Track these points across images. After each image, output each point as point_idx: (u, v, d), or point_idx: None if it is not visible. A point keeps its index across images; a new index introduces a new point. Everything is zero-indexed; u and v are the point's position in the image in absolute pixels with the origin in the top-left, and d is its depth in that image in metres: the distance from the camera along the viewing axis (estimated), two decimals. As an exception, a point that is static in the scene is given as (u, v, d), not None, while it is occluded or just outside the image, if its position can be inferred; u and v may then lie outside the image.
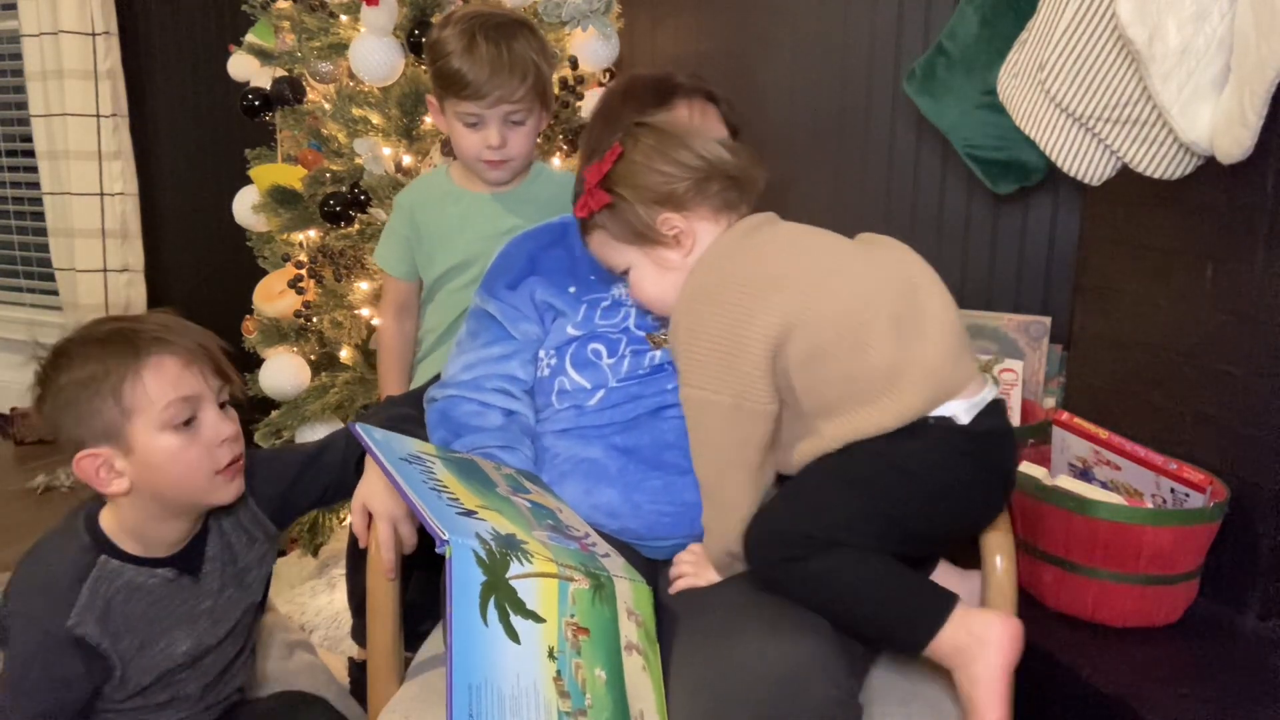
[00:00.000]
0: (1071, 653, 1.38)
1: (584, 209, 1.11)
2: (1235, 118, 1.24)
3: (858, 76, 2.20)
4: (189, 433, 1.09)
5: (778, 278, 1.03)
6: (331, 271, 1.98)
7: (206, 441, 1.10)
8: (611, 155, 1.10)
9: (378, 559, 1.13)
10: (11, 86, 3.39)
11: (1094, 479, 1.52)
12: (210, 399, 1.11)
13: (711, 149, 1.09)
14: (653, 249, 1.10)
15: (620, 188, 1.09)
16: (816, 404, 1.01)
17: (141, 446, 1.07)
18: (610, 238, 1.12)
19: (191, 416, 1.09)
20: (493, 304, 1.27)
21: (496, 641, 0.85)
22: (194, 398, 1.09)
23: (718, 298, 1.03)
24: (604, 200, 1.09)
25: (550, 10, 1.93)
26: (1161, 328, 1.62)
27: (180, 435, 1.08)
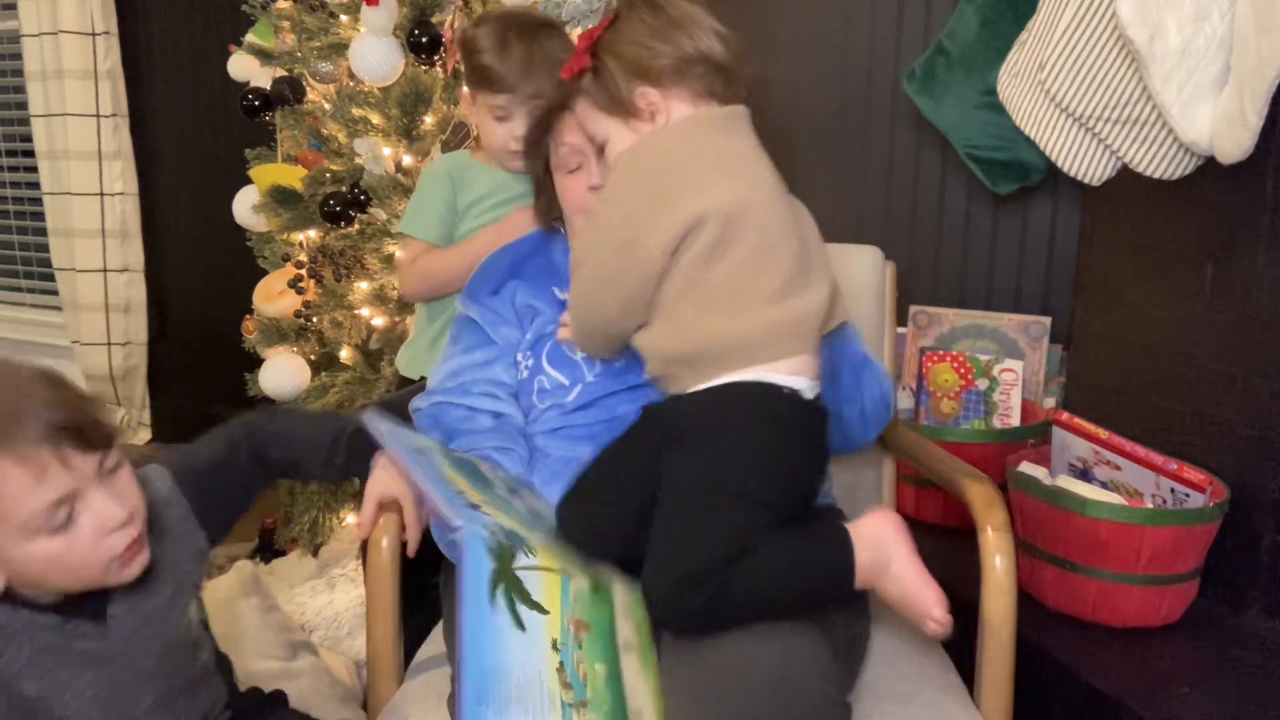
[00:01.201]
0: (1071, 653, 1.38)
1: (568, 70, 1.11)
2: (1235, 118, 1.24)
3: (858, 76, 2.20)
4: (69, 530, 0.89)
5: (730, 168, 1.05)
6: (331, 271, 1.98)
7: (92, 535, 0.90)
8: (605, 22, 1.10)
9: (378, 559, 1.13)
10: (11, 86, 3.39)
11: (1094, 479, 1.52)
12: (90, 482, 0.89)
13: (704, 38, 1.09)
14: (631, 121, 1.09)
15: (605, 55, 1.09)
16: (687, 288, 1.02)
17: (10, 558, 0.89)
18: (592, 105, 1.11)
19: (68, 513, 0.88)
20: (474, 309, 1.28)
21: (504, 629, 0.87)
22: (67, 496, 0.88)
23: (674, 153, 1.06)
24: (585, 64, 1.09)
25: (550, 10, 1.93)
26: (1161, 328, 1.62)
27: (58, 537, 0.88)
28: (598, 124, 1.11)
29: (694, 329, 1.00)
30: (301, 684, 1.61)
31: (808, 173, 2.24)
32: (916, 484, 1.83)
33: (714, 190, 1.01)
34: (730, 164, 1.05)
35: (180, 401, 3.28)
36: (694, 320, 1.01)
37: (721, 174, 1.03)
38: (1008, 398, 1.87)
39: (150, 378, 3.28)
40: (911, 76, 1.96)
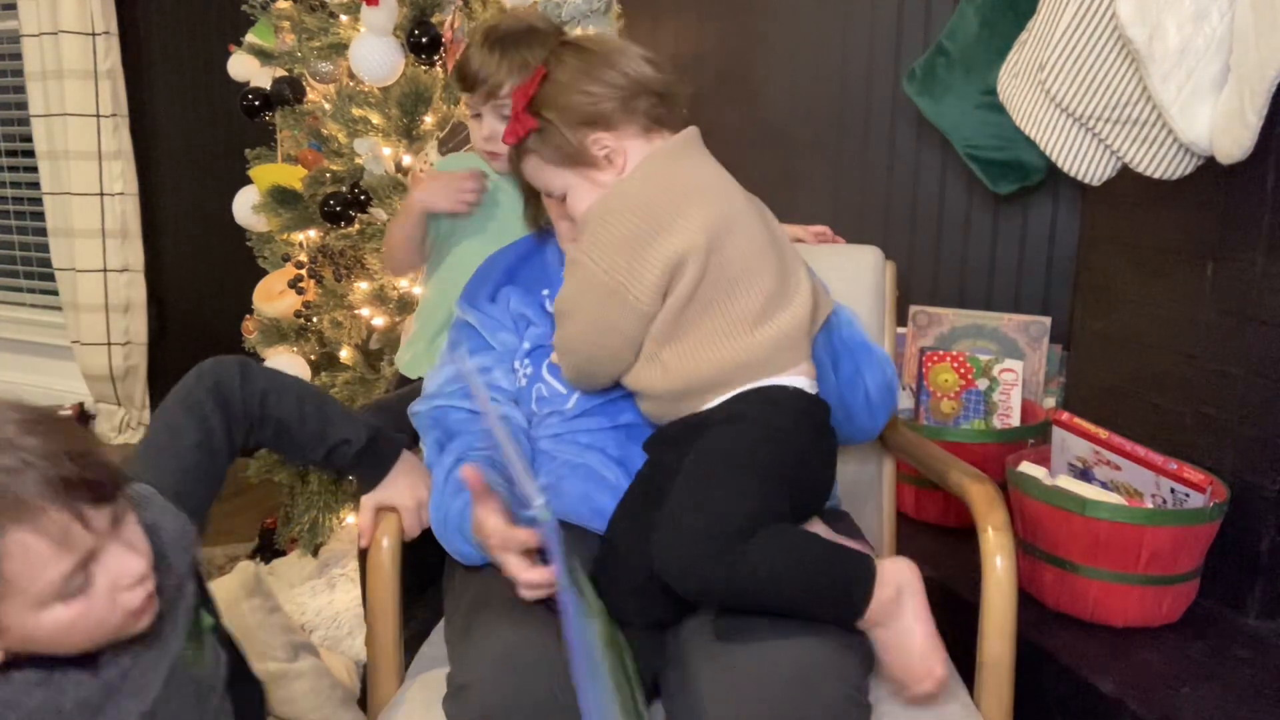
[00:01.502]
0: (1071, 653, 1.38)
1: (512, 134, 1.09)
2: (1235, 117, 1.24)
3: (858, 76, 2.20)
4: (84, 594, 0.81)
5: (701, 196, 1.05)
6: (331, 271, 1.98)
7: (108, 593, 0.82)
8: (536, 77, 1.08)
9: (378, 559, 1.14)
10: (11, 86, 3.39)
11: (1094, 479, 1.52)
12: (106, 537, 0.81)
13: (636, 66, 1.08)
14: (586, 170, 1.09)
15: (547, 110, 1.07)
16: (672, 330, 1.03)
17: (19, 626, 0.80)
18: (543, 162, 1.10)
19: (84, 576, 0.81)
20: (473, 314, 1.28)
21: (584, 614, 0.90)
22: (86, 557, 0.80)
23: (645, 195, 1.05)
24: (530, 125, 1.07)
25: (550, 10, 1.93)
26: (1161, 328, 1.62)
27: (73, 603, 0.80)
28: (553, 178, 1.11)
29: (685, 366, 1.02)
30: (302, 685, 1.61)
31: (808, 173, 2.24)
32: (916, 484, 1.83)
33: (690, 226, 1.01)
34: (700, 192, 1.05)
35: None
36: (685, 357, 1.02)
37: (694, 206, 1.03)
38: (1008, 398, 1.87)
39: (150, 378, 3.28)
40: (911, 76, 1.96)
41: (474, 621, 1.01)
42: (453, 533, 1.12)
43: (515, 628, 0.96)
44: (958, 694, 1.09)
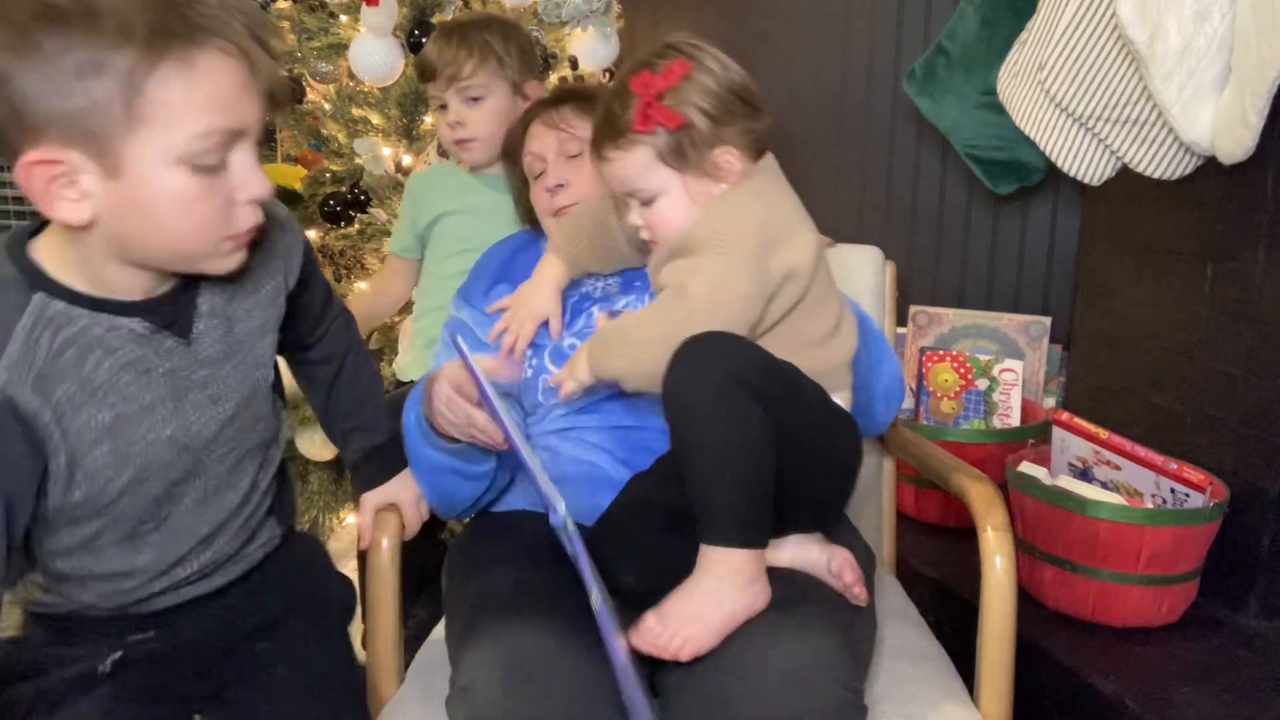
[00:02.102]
0: (1071, 653, 1.38)
1: (647, 122, 1.02)
2: (1236, 118, 1.24)
3: (858, 76, 2.20)
4: (211, 177, 0.76)
5: (806, 221, 1.07)
6: (331, 271, 1.98)
7: (230, 194, 0.78)
8: (679, 70, 1.03)
9: (378, 559, 1.13)
10: (11, 86, 3.39)
11: (1094, 479, 1.52)
12: (251, 136, 0.78)
13: (755, 93, 1.08)
14: (695, 179, 1.05)
15: (687, 109, 1.02)
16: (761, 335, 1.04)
17: (136, 175, 0.74)
18: (655, 158, 1.03)
19: (223, 157, 0.77)
20: (466, 311, 1.28)
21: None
22: (240, 131, 0.76)
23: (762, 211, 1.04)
24: (677, 119, 1.01)
25: (550, 10, 1.93)
26: (1161, 328, 1.62)
27: (199, 178, 0.75)
28: (654, 178, 1.04)
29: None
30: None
31: (808, 173, 2.24)
32: (916, 484, 1.83)
33: (801, 244, 1.03)
34: (802, 217, 1.07)
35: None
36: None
37: (801, 227, 1.05)
38: (1008, 398, 1.87)
39: (150, 378, 3.28)
40: (911, 76, 1.96)
41: (476, 622, 1.01)
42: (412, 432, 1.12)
43: (518, 629, 0.96)
44: (957, 694, 1.09)
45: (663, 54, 1.06)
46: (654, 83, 1.03)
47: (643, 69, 1.05)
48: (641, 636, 0.91)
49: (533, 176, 1.29)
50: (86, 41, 0.69)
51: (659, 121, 1.02)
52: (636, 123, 1.02)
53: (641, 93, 1.02)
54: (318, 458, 2.06)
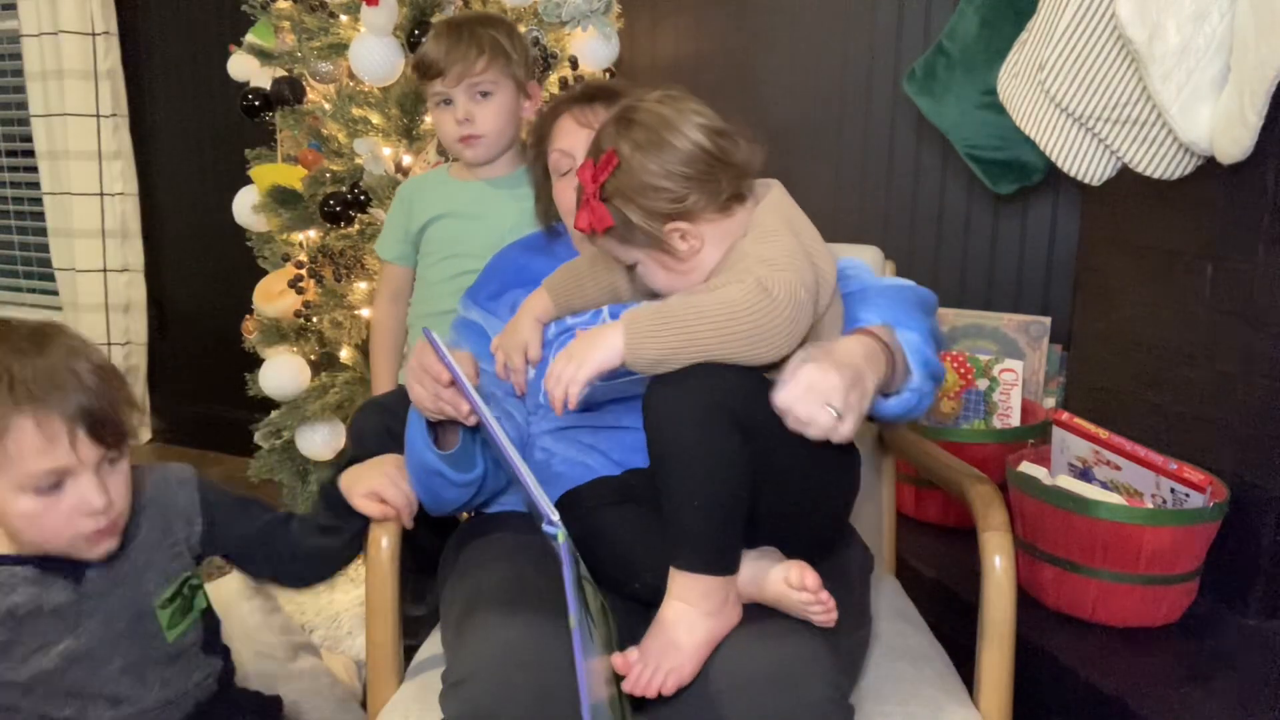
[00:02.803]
0: (1071, 653, 1.38)
1: (586, 224, 1.03)
2: (1235, 118, 1.24)
3: (858, 76, 2.20)
4: (53, 497, 0.98)
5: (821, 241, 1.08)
6: (331, 271, 1.97)
7: (69, 510, 0.99)
8: (608, 164, 1.02)
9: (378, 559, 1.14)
10: (11, 86, 3.39)
11: (1094, 479, 1.52)
12: (85, 468, 0.98)
13: (701, 141, 1.01)
14: (660, 253, 1.05)
15: (621, 202, 1.01)
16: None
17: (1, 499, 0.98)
18: (616, 241, 1.05)
19: (58, 482, 0.98)
20: (475, 311, 1.28)
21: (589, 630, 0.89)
22: (61, 470, 0.97)
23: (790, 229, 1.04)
24: (608, 221, 1.02)
25: (550, 10, 1.93)
26: (1161, 328, 1.62)
27: (42, 499, 0.98)
28: (624, 254, 1.06)
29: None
30: (302, 685, 1.61)
31: (808, 173, 2.24)
32: (916, 484, 1.83)
33: (828, 259, 1.04)
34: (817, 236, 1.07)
35: (180, 401, 3.28)
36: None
37: (822, 245, 1.06)
38: (1008, 398, 1.87)
39: (150, 378, 3.28)
40: (911, 76, 1.96)
41: (469, 618, 1.01)
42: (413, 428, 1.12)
43: (510, 624, 0.97)
44: (957, 694, 1.09)
45: (613, 132, 1.03)
46: (593, 176, 1.03)
47: (589, 156, 1.05)
48: (627, 682, 0.91)
49: (559, 173, 1.27)
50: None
51: (594, 223, 1.02)
52: (578, 223, 1.04)
53: (585, 187, 1.03)
54: (317, 457, 2.06)
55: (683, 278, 1.06)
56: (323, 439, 2.02)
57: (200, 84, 3.02)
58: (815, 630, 0.95)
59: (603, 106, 1.24)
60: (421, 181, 1.72)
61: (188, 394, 3.26)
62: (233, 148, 2.41)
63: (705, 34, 2.33)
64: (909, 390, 1.08)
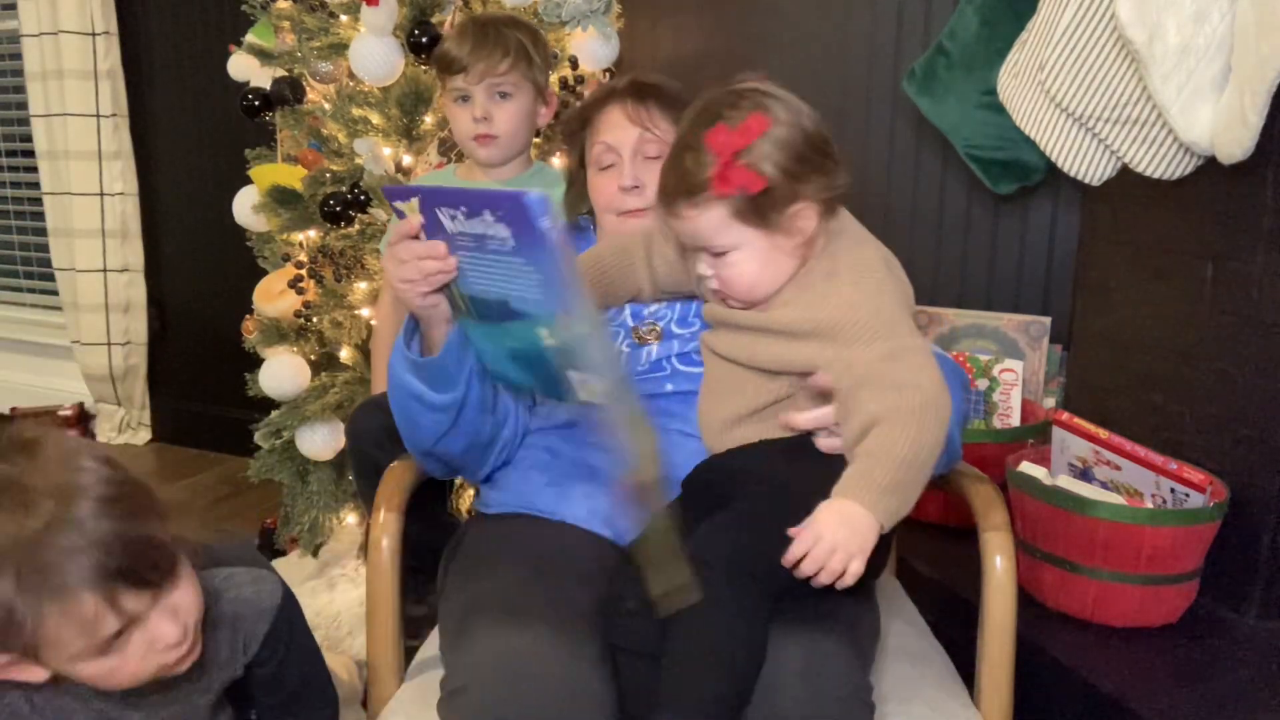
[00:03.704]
0: (1071, 653, 1.38)
1: (727, 184, 0.97)
2: (1236, 117, 1.24)
3: (858, 76, 2.20)
4: (119, 649, 0.87)
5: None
6: (331, 271, 1.97)
7: (143, 652, 0.89)
8: (757, 126, 0.98)
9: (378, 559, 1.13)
10: (11, 86, 3.39)
11: (1094, 479, 1.52)
12: (146, 612, 0.87)
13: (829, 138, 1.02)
14: (773, 234, 1.01)
15: (768, 168, 0.97)
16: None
17: (60, 669, 0.88)
18: (731, 216, 0.99)
19: (119, 635, 0.86)
20: None
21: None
22: (115, 633, 0.86)
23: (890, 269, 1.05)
24: (758, 183, 0.97)
25: (550, 10, 1.93)
26: (1161, 328, 1.61)
27: (108, 658, 0.87)
28: (729, 234, 1.00)
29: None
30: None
31: (808, 173, 2.24)
32: (916, 484, 1.83)
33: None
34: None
35: (180, 401, 3.29)
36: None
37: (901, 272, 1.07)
38: (1008, 398, 1.87)
39: (150, 378, 3.28)
40: (911, 76, 1.96)
41: (468, 625, 1.00)
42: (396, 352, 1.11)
43: (509, 633, 0.95)
44: (957, 694, 1.09)
45: (734, 104, 1.00)
46: (731, 140, 0.98)
47: (717, 122, 0.99)
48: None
49: (599, 167, 1.23)
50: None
51: (740, 184, 0.97)
52: (715, 184, 0.98)
53: (719, 152, 0.98)
54: (318, 457, 2.06)
55: (775, 273, 1.03)
56: (323, 439, 2.02)
57: (200, 84, 3.02)
58: (840, 629, 0.95)
59: (658, 107, 1.21)
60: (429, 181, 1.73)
61: (188, 394, 3.26)
62: (233, 148, 2.41)
63: (705, 34, 2.33)
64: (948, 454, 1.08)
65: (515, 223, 0.89)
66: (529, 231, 0.88)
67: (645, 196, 1.21)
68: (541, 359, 0.99)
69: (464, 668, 0.94)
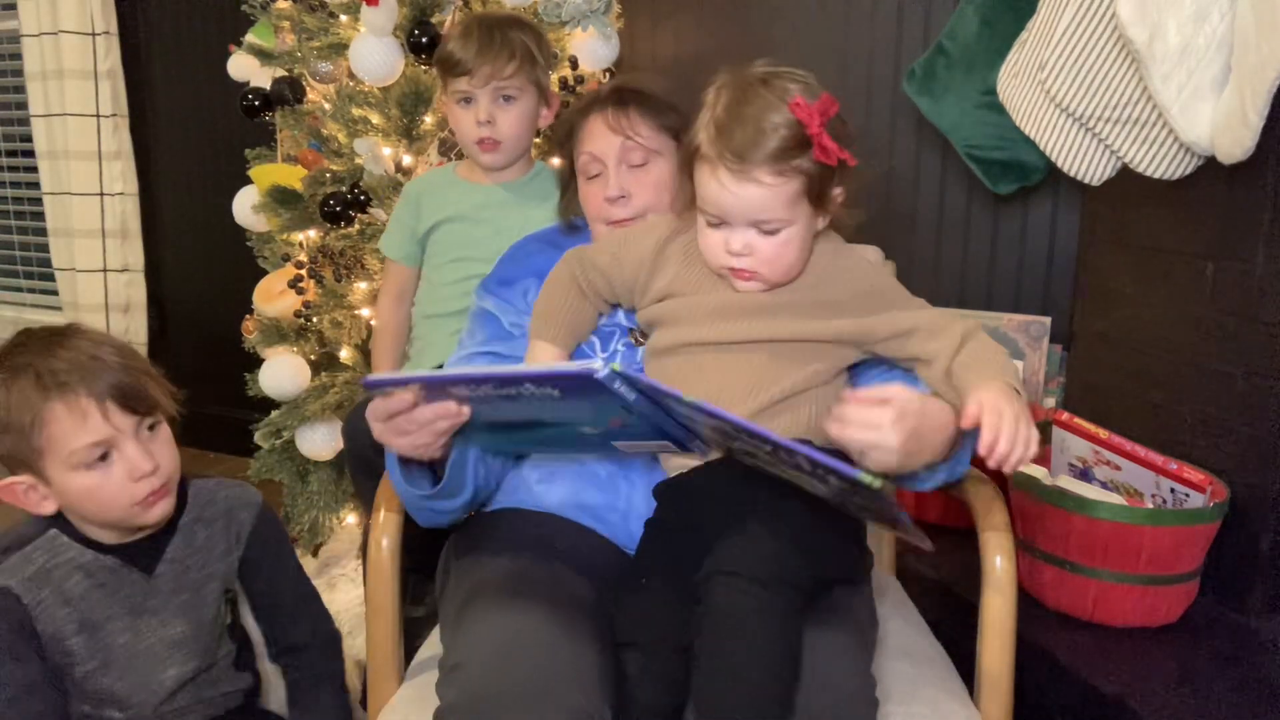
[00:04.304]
0: (1071, 653, 1.38)
1: (828, 154, 0.97)
2: (1236, 117, 1.24)
3: (858, 76, 2.20)
4: (104, 469, 1.08)
5: None
6: (331, 271, 1.97)
7: (122, 478, 1.09)
8: (834, 103, 0.98)
9: (378, 559, 1.14)
10: (11, 86, 3.39)
11: (1094, 479, 1.52)
12: (126, 436, 1.09)
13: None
14: (818, 214, 1.03)
15: (847, 145, 0.98)
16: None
17: (57, 481, 1.09)
18: (803, 191, 0.99)
19: (105, 454, 1.08)
20: (489, 300, 1.28)
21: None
22: (102, 441, 1.07)
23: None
24: (851, 158, 0.98)
25: (550, 10, 1.93)
26: (1161, 328, 1.61)
27: (94, 472, 1.08)
28: (788, 210, 1.00)
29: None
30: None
31: (808, 173, 2.23)
32: (916, 484, 1.83)
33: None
34: None
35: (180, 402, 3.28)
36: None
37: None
38: (1008, 398, 1.87)
39: (150, 378, 3.28)
40: (911, 76, 1.96)
41: (468, 609, 1.01)
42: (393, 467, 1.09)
43: (510, 613, 0.97)
44: (958, 694, 1.09)
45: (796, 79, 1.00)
46: (814, 112, 0.97)
47: (793, 94, 0.98)
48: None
49: (586, 176, 1.24)
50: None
51: (840, 156, 0.97)
52: (817, 151, 0.97)
53: (808, 121, 0.97)
54: (317, 457, 2.06)
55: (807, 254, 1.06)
56: (323, 439, 2.02)
57: (200, 84, 3.02)
58: (846, 623, 0.96)
59: (638, 113, 1.21)
60: (430, 181, 1.72)
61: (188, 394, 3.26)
62: (233, 148, 2.41)
63: (705, 34, 2.33)
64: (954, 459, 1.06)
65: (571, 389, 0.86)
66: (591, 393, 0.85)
67: (632, 205, 1.21)
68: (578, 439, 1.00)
69: (463, 646, 0.95)
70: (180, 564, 1.19)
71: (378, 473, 1.22)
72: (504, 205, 1.61)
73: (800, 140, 0.97)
